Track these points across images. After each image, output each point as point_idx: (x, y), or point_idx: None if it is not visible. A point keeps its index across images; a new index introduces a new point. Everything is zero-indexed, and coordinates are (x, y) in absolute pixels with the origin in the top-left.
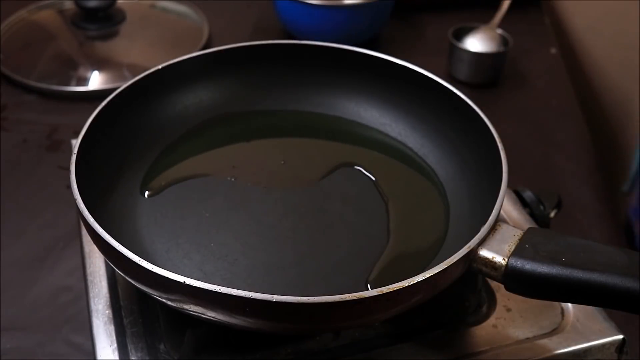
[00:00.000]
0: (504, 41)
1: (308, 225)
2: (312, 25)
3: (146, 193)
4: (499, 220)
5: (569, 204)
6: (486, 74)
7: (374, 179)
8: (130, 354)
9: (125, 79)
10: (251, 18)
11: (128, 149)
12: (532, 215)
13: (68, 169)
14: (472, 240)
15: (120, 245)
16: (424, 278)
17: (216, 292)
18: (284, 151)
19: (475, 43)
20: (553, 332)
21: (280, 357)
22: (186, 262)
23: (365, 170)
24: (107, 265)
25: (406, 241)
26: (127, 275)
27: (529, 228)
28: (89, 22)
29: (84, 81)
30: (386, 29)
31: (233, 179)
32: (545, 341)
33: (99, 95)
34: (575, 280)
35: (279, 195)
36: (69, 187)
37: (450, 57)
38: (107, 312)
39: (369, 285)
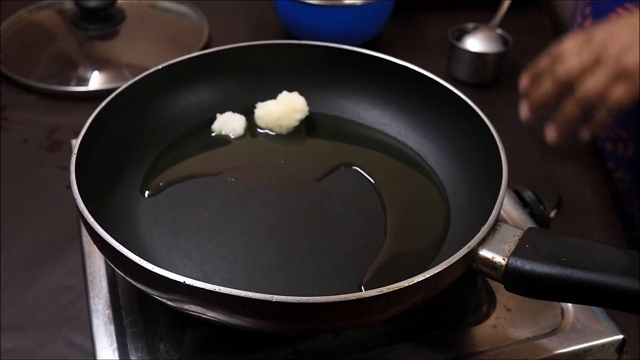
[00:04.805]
0: (504, 41)
1: (308, 226)
2: (312, 25)
3: (146, 193)
4: (499, 220)
5: (569, 204)
6: (486, 74)
7: (373, 179)
8: (130, 353)
9: (125, 79)
10: (251, 18)
11: (128, 149)
12: (532, 215)
13: (68, 169)
14: (472, 240)
15: (121, 246)
16: (423, 278)
17: (216, 292)
18: (284, 151)
19: (475, 43)
20: (553, 332)
21: (280, 357)
22: (186, 262)
23: (365, 170)
24: (107, 265)
25: (406, 241)
26: (127, 276)
27: (529, 228)
28: (89, 22)
29: (84, 81)
30: (386, 29)
31: (233, 179)
32: (545, 341)
33: (99, 95)
34: (575, 280)
35: (278, 195)
36: (69, 187)
37: (450, 57)
38: (107, 312)
39: (362, 287)
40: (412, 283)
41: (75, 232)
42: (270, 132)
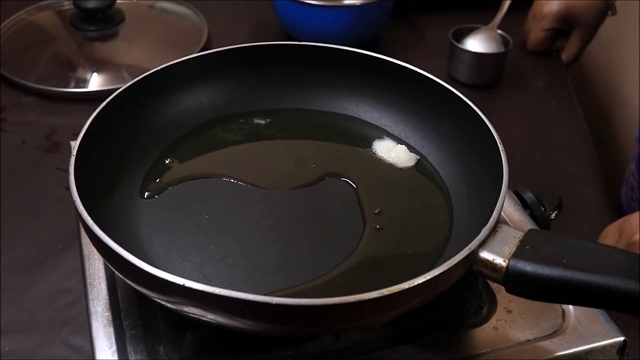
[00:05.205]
0: (504, 42)
1: (308, 227)
2: (311, 25)
3: (145, 194)
4: (499, 221)
5: (569, 205)
6: (486, 75)
7: (374, 180)
8: (129, 356)
9: (125, 80)
10: (250, 19)
11: (127, 151)
12: (533, 216)
13: (67, 171)
14: (472, 242)
15: (120, 248)
16: (424, 280)
17: (216, 294)
18: (283, 152)
19: (476, 44)
20: (554, 334)
21: (280, 359)
22: (186, 265)
23: (365, 171)
24: (106, 267)
25: (407, 242)
26: (127, 278)
27: (530, 229)
28: (88, 23)
29: (83, 82)
30: (386, 30)
31: (232, 180)
32: (546, 343)
33: (98, 96)
34: (576, 282)
35: (278, 196)
36: (68, 188)
37: (450, 58)
38: (106, 314)
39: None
40: (412, 285)
41: (74, 234)
42: (270, 133)
